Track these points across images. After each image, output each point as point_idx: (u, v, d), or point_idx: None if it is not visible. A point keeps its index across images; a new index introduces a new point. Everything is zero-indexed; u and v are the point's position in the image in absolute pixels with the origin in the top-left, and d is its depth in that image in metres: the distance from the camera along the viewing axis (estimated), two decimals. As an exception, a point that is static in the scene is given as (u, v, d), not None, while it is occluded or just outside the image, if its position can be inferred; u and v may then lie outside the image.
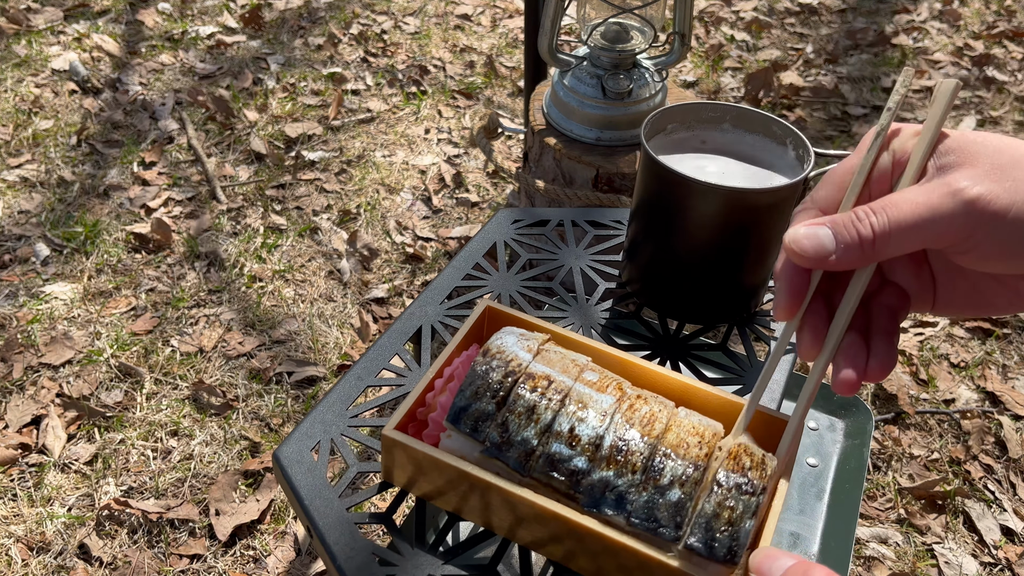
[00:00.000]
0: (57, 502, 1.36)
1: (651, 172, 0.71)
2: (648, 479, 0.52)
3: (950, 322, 1.69)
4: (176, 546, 1.31)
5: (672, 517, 0.50)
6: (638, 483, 0.52)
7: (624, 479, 0.52)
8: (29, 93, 2.32)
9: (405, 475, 0.60)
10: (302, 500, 0.61)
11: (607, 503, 0.52)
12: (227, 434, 1.47)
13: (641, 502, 0.51)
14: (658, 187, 0.72)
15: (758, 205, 0.69)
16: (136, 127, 2.22)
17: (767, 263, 0.75)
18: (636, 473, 0.52)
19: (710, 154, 0.76)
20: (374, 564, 0.58)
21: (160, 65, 2.48)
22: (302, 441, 0.66)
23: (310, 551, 1.31)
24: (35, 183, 2.02)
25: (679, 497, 0.51)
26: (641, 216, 0.75)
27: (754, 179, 0.73)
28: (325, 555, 0.59)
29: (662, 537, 0.50)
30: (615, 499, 0.52)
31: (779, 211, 0.70)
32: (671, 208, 0.71)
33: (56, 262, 1.80)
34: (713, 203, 0.69)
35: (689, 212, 0.70)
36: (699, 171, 0.73)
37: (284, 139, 2.20)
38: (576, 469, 0.53)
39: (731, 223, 0.70)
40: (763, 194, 0.68)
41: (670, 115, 0.76)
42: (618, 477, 0.52)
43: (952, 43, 2.53)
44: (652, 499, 0.51)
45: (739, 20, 2.71)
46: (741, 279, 0.75)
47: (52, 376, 1.55)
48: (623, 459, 0.52)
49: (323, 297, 1.75)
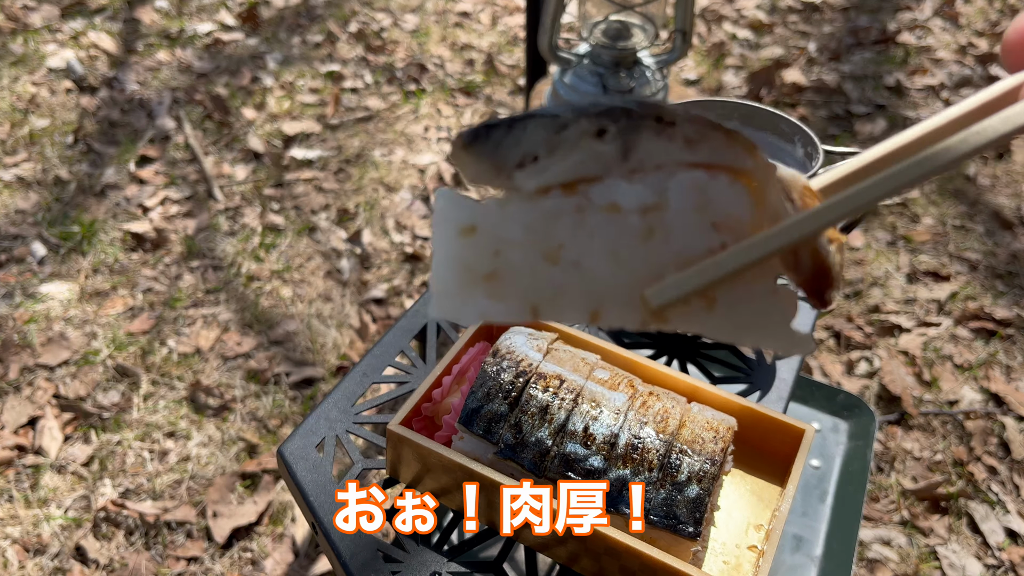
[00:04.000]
0: (54, 504, 1.34)
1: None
2: (665, 476, 0.51)
3: (954, 322, 1.68)
4: (173, 548, 1.30)
5: (691, 513, 0.50)
6: (655, 481, 0.51)
7: (641, 477, 0.51)
8: (25, 92, 2.30)
9: (411, 472, 0.59)
10: (307, 496, 0.61)
11: (624, 501, 0.51)
12: (224, 435, 1.45)
13: (659, 500, 0.50)
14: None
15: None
16: (133, 126, 2.21)
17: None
18: (653, 471, 0.51)
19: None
20: (379, 561, 0.57)
21: (157, 63, 2.47)
22: (306, 438, 0.65)
23: (309, 553, 1.30)
24: (31, 182, 2.01)
25: (697, 493, 0.50)
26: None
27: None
28: (330, 552, 0.58)
29: (681, 534, 0.49)
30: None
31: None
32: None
33: (53, 262, 1.79)
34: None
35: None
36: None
37: (282, 138, 2.19)
38: (592, 468, 0.52)
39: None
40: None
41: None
42: (635, 475, 0.51)
43: (955, 41, 2.53)
44: (671, 496, 0.50)
45: (741, 18, 2.71)
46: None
47: (48, 377, 1.54)
48: (639, 457, 0.52)
49: (321, 297, 1.74)
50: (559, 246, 0.31)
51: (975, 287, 1.75)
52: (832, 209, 0.31)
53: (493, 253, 0.31)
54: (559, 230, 0.31)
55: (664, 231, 0.32)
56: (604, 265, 0.32)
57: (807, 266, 0.31)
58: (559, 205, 0.31)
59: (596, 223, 0.31)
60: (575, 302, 0.32)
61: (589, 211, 0.31)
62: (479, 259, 0.31)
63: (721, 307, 0.33)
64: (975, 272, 1.79)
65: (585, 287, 0.32)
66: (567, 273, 0.32)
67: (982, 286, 1.75)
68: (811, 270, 0.31)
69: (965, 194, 1.99)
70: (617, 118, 0.31)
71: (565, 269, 0.32)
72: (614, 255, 0.32)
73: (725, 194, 0.32)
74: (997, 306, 1.70)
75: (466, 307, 0.32)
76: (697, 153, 0.32)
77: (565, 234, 0.31)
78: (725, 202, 0.32)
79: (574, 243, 0.31)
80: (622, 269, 0.32)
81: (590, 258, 0.31)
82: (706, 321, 0.32)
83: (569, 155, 0.31)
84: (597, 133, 0.31)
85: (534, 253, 0.32)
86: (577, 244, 0.31)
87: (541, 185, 0.31)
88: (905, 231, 1.89)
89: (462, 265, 0.31)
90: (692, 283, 0.31)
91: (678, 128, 0.31)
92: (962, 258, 1.82)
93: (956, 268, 1.79)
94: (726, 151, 0.32)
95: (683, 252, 0.32)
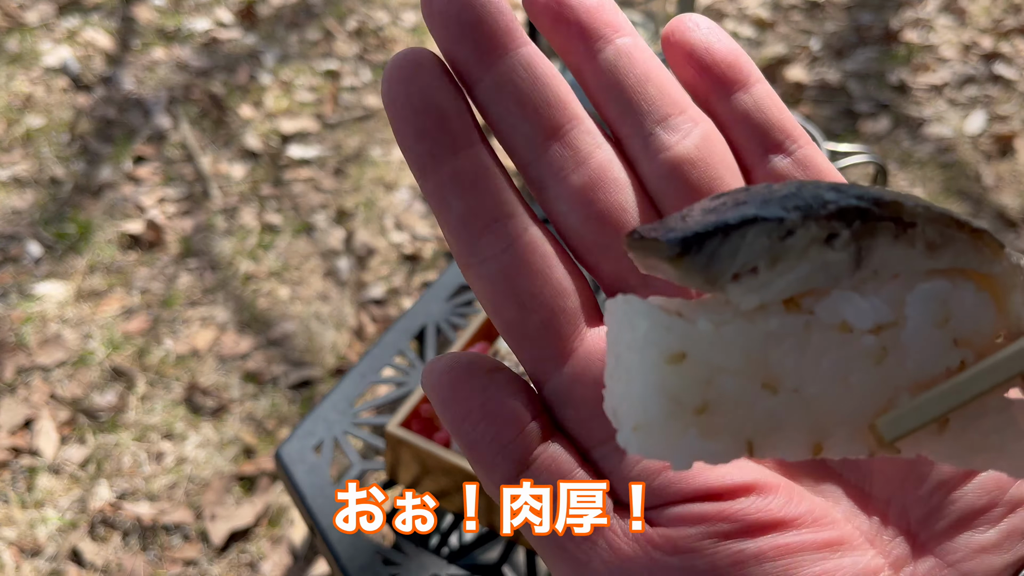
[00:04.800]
0: (49, 505, 1.33)
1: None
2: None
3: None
4: (170, 550, 1.28)
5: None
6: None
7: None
8: (21, 91, 2.29)
9: (410, 474, 0.58)
10: (305, 499, 0.60)
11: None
12: (222, 437, 1.44)
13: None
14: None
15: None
16: (129, 124, 2.20)
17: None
18: None
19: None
20: (378, 564, 0.56)
21: (154, 61, 2.46)
22: (304, 439, 0.64)
23: (307, 555, 1.28)
24: (27, 181, 1.99)
25: None
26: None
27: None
28: (328, 555, 0.57)
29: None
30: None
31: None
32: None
33: (49, 261, 1.77)
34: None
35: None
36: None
37: (279, 136, 2.17)
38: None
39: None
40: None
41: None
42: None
43: (959, 39, 2.52)
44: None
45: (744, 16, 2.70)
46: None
47: (44, 377, 1.52)
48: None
49: (319, 297, 1.73)
50: (780, 373, 0.28)
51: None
52: None
53: (705, 383, 0.28)
54: (781, 354, 0.28)
55: (899, 351, 0.28)
56: (830, 392, 0.28)
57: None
58: (781, 325, 0.28)
59: (823, 345, 0.28)
60: (796, 435, 0.28)
61: (815, 330, 0.28)
62: (689, 391, 0.27)
63: (953, 429, 0.29)
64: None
65: (808, 418, 0.28)
66: (788, 402, 0.28)
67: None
68: None
69: (970, 193, 1.98)
70: (851, 220, 0.28)
71: (786, 398, 0.28)
72: (842, 381, 0.28)
73: (968, 305, 0.28)
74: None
75: (677, 447, 0.27)
76: (940, 259, 0.28)
77: (788, 359, 0.28)
78: (968, 314, 0.28)
79: (797, 368, 0.28)
80: (851, 396, 0.28)
81: (815, 385, 0.28)
82: (937, 445, 0.29)
83: (795, 267, 0.28)
84: (827, 239, 0.28)
85: (751, 382, 0.28)
86: (800, 369, 0.28)
87: (762, 302, 0.28)
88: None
89: (670, 397, 0.27)
90: (931, 412, 0.28)
91: (919, 230, 0.28)
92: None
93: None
94: (972, 255, 0.28)
95: (919, 374, 0.28)
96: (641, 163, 0.38)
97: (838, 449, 0.29)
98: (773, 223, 0.27)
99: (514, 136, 0.39)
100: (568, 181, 0.38)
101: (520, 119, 0.37)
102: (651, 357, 0.28)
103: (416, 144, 0.37)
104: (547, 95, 0.39)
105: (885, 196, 0.28)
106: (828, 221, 0.27)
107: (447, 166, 0.37)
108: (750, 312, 0.28)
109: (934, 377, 0.28)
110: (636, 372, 0.28)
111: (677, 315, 0.28)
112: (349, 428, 0.65)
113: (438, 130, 0.37)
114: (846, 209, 0.27)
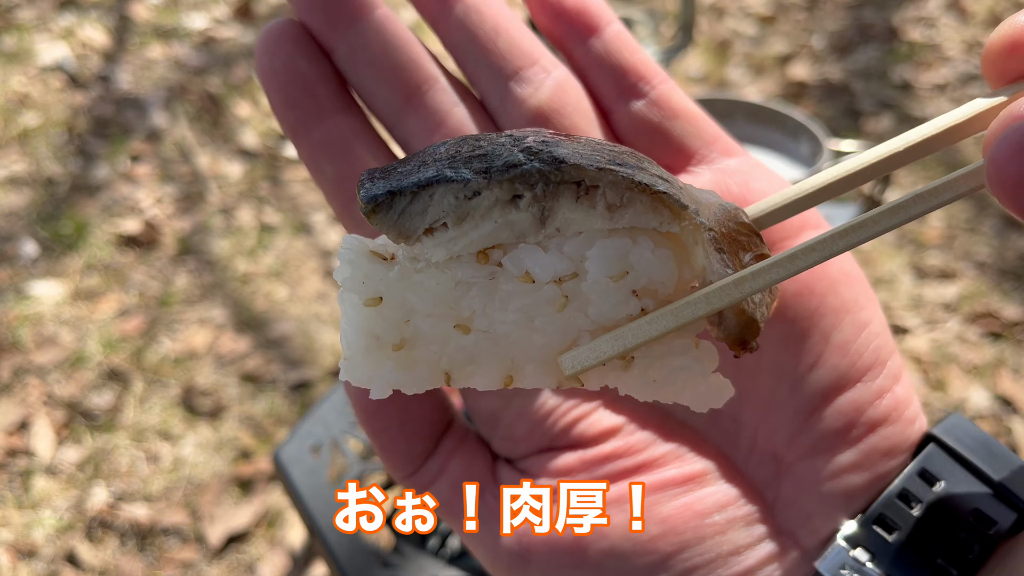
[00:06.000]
0: (46, 507, 1.32)
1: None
2: None
3: (961, 323, 1.66)
4: (167, 552, 1.27)
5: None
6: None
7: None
8: (18, 89, 2.28)
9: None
10: (303, 501, 0.59)
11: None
12: (219, 438, 1.43)
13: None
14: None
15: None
16: (126, 123, 2.19)
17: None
18: None
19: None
20: (376, 565, 0.56)
21: (150, 60, 2.44)
22: (302, 441, 0.63)
23: (305, 557, 1.27)
24: (23, 180, 1.98)
25: None
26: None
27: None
28: (327, 556, 0.57)
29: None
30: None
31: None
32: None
33: (45, 261, 1.76)
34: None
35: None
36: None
37: (277, 135, 2.16)
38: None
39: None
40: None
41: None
42: None
43: (962, 37, 2.51)
44: None
45: (747, 15, 2.69)
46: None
47: (41, 378, 1.51)
48: None
49: (318, 297, 1.71)
50: (470, 315, 0.31)
51: (982, 287, 1.73)
52: (758, 276, 0.30)
53: (402, 322, 0.31)
54: (470, 300, 0.31)
55: (581, 299, 0.31)
56: (517, 333, 0.31)
57: (732, 324, 0.30)
58: (470, 275, 0.31)
59: (508, 292, 0.31)
60: (488, 369, 0.32)
61: (501, 280, 0.31)
62: (387, 329, 0.31)
63: (638, 366, 0.32)
64: (982, 272, 1.76)
65: (498, 354, 0.32)
66: (479, 341, 0.31)
67: (989, 286, 1.73)
68: (736, 327, 0.30)
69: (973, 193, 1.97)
70: (533, 183, 0.30)
71: (477, 338, 0.31)
72: (527, 323, 0.31)
73: (647, 261, 0.31)
74: (1005, 306, 1.68)
75: (376, 377, 0.31)
76: (620, 219, 0.31)
77: (476, 304, 0.31)
78: (647, 269, 0.31)
79: (486, 312, 0.31)
80: (536, 336, 0.31)
81: (503, 326, 0.31)
82: (622, 379, 0.32)
83: (480, 225, 0.31)
84: (511, 200, 0.31)
85: (445, 323, 0.31)
86: (489, 313, 0.31)
87: (450, 255, 0.31)
88: (912, 231, 1.87)
89: (370, 334, 0.31)
90: (607, 351, 0.31)
91: (600, 193, 0.31)
92: (969, 258, 1.80)
93: (963, 268, 1.77)
94: (651, 216, 0.31)
95: (601, 319, 0.31)
96: (500, 118, 0.39)
97: (528, 380, 0.32)
98: (459, 184, 0.30)
99: (375, 100, 0.39)
100: (430, 142, 0.39)
101: (378, 83, 0.38)
102: (352, 300, 0.31)
103: (287, 113, 0.38)
104: (400, 57, 0.39)
105: (568, 159, 0.30)
106: (512, 183, 0.30)
107: (316, 132, 0.38)
108: (443, 263, 0.31)
109: (616, 322, 0.31)
110: (345, 311, 0.31)
111: (388, 259, 0.32)
112: (348, 429, 0.64)
113: (305, 98, 0.38)
114: (528, 172, 0.30)
